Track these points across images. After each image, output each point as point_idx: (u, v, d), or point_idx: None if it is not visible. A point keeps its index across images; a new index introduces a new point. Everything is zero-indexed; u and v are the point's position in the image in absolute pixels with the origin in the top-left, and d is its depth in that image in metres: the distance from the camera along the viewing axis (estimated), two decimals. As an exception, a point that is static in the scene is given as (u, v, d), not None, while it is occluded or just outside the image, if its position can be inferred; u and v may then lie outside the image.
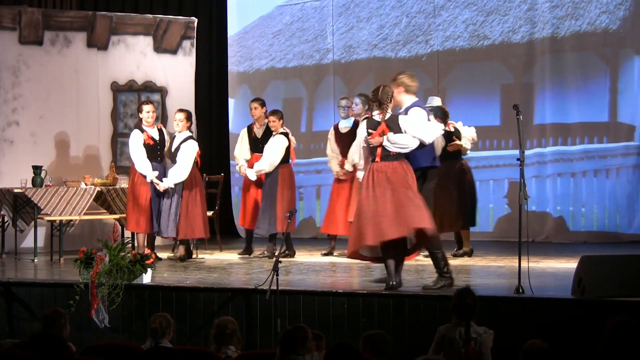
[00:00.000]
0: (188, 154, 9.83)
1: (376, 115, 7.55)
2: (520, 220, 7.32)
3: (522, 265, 7.18)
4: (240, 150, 10.45)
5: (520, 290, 7.13)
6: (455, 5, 12.40)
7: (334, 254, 10.27)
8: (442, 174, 9.76)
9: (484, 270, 9.01)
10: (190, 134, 10.02)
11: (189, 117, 9.99)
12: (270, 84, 13.52)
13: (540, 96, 11.84)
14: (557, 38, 11.79)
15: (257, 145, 10.29)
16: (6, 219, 10.47)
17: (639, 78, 11.30)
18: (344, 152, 10.10)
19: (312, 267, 9.47)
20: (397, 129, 7.45)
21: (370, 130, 7.49)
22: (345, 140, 10.14)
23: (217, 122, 13.57)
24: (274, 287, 6.98)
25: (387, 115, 7.50)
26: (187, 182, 9.84)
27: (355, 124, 10.24)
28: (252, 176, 10.12)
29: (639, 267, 7.01)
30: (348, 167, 10.04)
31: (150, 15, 12.23)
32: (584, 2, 11.63)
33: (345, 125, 10.34)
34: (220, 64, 13.68)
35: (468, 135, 10.02)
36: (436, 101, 10.37)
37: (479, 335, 5.72)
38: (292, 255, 10.23)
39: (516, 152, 8.19)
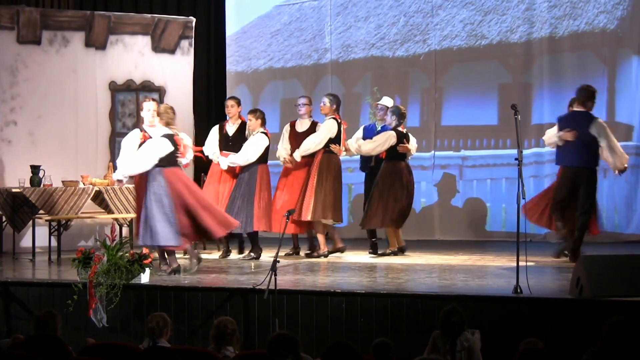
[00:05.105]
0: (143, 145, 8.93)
1: None
2: (518, 220, 7.32)
3: (520, 264, 7.18)
4: (210, 146, 10.28)
5: (519, 290, 7.13)
6: (453, 5, 12.40)
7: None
8: (390, 172, 9.95)
9: (483, 270, 9.01)
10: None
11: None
12: (268, 84, 13.52)
13: (538, 96, 11.84)
14: (555, 38, 11.79)
15: (227, 143, 10.17)
16: (4, 218, 10.47)
17: (636, 78, 11.31)
18: (294, 150, 10.09)
19: (310, 267, 9.46)
20: None
21: None
22: (299, 139, 10.11)
23: (215, 122, 13.44)
24: (272, 287, 6.98)
25: None
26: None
27: (313, 126, 10.19)
28: (224, 165, 10.03)
29: (637, 267, 7.02)
30: (297, 156, 10.05)
31: (149, 15, 12.22)
32: (582, 2, 11.64)
33: (301, 123, 10.27)
34: (218, 63, 13.66)
35: (412, 141, 10.27)
36: (388, 101, 10.51)
37: (468, 341, 5.80)
38: (258, 257, 10.01)
39: (514, 151, 8.19)
